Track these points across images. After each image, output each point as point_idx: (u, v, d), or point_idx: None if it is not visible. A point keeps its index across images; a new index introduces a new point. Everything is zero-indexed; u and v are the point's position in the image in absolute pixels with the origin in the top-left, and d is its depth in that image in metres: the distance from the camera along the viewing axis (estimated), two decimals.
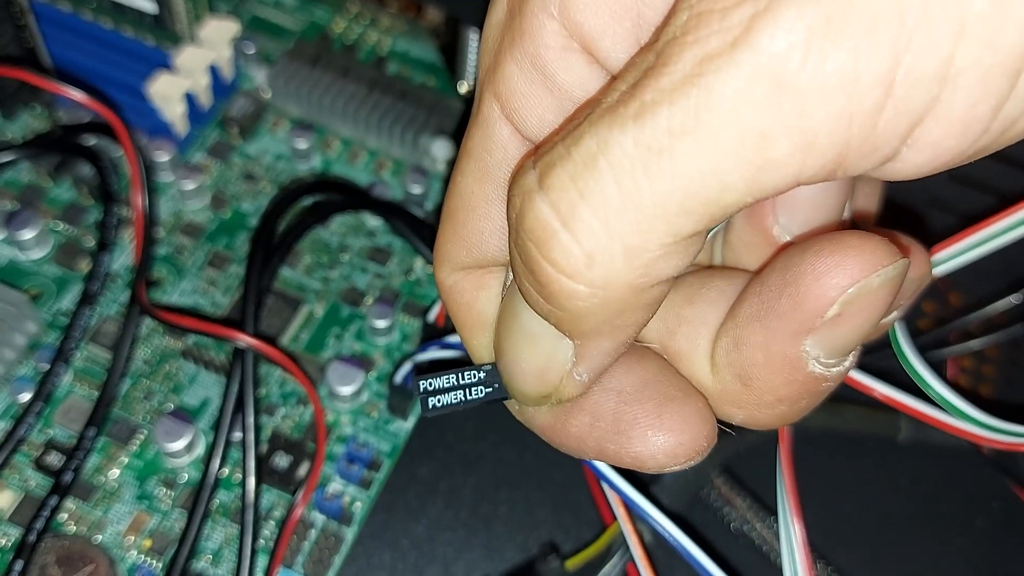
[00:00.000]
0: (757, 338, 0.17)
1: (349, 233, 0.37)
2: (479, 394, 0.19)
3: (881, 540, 0.33)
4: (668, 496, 0.31)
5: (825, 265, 0.15)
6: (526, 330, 0.17)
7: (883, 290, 0.15)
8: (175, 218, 0.36)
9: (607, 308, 0.15)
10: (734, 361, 0.17)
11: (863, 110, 0.13)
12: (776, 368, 0.17)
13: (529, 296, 0.16)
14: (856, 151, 0.13)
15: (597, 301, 0.15)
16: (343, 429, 0.32)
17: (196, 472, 0.31)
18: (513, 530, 0.32)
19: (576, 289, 0.15)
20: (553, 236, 0.14)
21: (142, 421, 0.32)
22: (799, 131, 0.13)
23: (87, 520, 0.30)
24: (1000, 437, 0.23)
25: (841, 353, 0.16)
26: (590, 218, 0.14)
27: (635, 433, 0.18)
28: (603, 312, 0.15)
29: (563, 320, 0.16)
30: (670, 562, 0.32)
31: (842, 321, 0.16)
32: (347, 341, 0.34)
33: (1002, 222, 0.24)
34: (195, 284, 0.35)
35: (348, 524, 0.31)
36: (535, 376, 0.18)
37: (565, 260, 0.14)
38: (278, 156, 0.38)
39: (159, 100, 0.36)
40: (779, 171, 0.13)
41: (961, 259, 0.25)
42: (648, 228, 0.14)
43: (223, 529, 0.30)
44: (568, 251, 0.14)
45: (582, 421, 0.18)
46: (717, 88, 0.13)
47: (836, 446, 0.34)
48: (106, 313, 0.34)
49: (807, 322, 0.16)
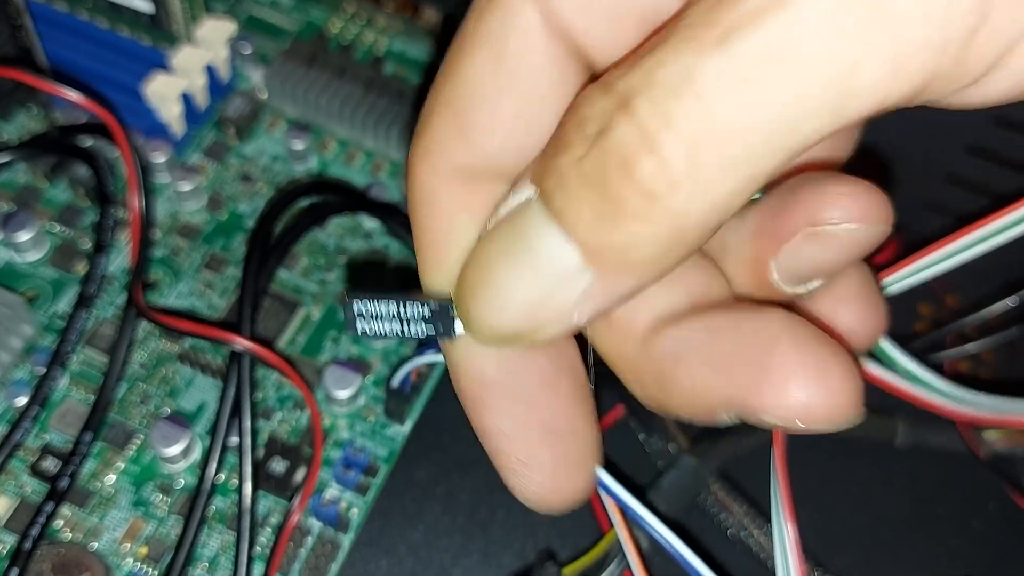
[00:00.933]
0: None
1: (346, 235, 0.37)
2: (418, 332, 0.17)
3: (878, 543, 0.33)
4: (665, 502, 0.31)
5: (816, 202, 0.17)
6: (536, 253, 0.15)
7: (851, 238, 0.17)
8: (171, 220, 0.36)
9: (668, 239, 0.14)
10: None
11: (959, 35, 0.12)
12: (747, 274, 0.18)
13: (580, 218, 0.15)
14: (944, 77, 0.13)
15: (663, 230, 0.14)
16: (340, 433, 0.32)
17: (192, 478, 0.31)
18: (510, 536, 0.32)
19: (649, 213, 0.14)
20: (637, 158, 0.14)
21: (138, 426, 0.32)
22: (892, 58, 0.12)
23: (83, 527, 0.30)
24: (962, 408, 0.23)
25: (797, 278, 0.18)
26: (675, 146, 0.13)
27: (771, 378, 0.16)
28: (661, 244, 0.14)
29: (609, 247, 0.15)
30: (667, 569, 0.32)
31: (804, 251, 0.17)
32: (344, 344, 0.34)
33: (996, 223, 0.24)
34: (192, 286, 0.35)
35: (345, 531, 0.31)
36: (525, 309, 0.16)
37: (648, 183, 0.14)
38: (275, 157, 0.38)
39: (155, 100, 0.35)
40: (865, 99, 0.13)
41: (955, 260, 0.25)
42: (731, 162, 0.13)
43: (219, 536, 0.30)
44: (653, 175, 0.14)
45: (684, 369, 0.17)
46: (807, 13, 0.12)
47: (833, 450, 0.34)
48: (102, 316, 0.33)
49: (774, 244, 0.17)
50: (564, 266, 0.15)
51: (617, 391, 0.33)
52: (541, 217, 0.15)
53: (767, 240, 0.17)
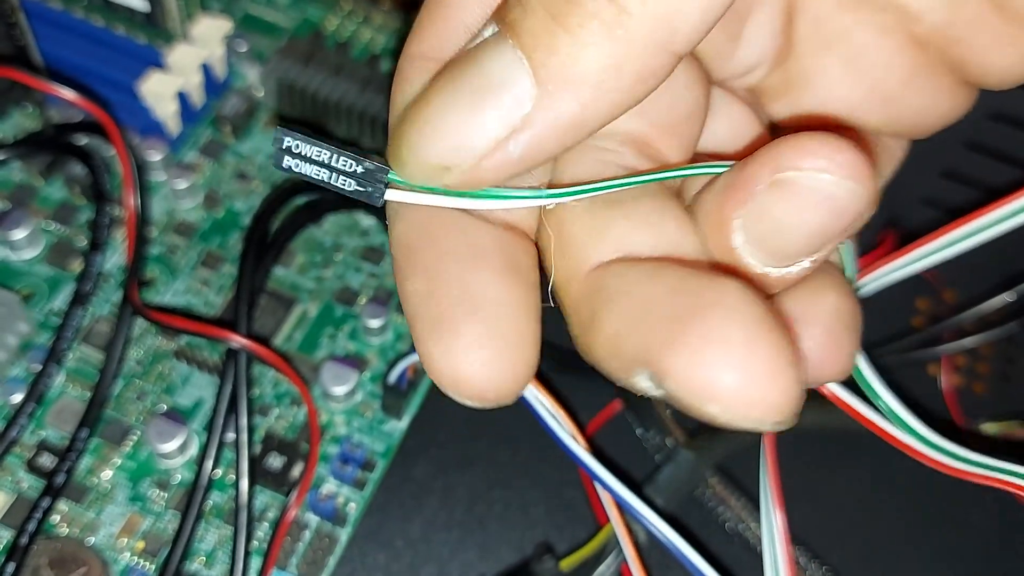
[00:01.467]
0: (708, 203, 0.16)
1: (343, 232, 0.37)
2: (344, 185, 0.16)
3: (876, 539, 0.33)
4: (662, 496, 0.31)
5: (784, 150, 0.15)
6: (485, 76, 0.15)
7: (821, 195, 0.15)
8: (168, 217, 0.36)
9: (612, 56, 0.14)
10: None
11: None
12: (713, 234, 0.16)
13: (534, 32, 0.14)
14: None
15: (609, 44, 0.14)
16: (337, 429, 0.32)
17: (189, 473, 0.31)
18: (508, 530, 0.32)
19: (601, 26, 0.14)
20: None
21: (135, 422, 0.32)
22: None
23: (80, 522, 0.30)
24: (943, 459, 0.23)
25: (764, 248, 0.16)
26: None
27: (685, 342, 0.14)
28: (605, 60, 0.14)
29: (557, 58, 0.14)
30: (664, 562, 0.32)
31: (770, 209, 0.15)
32: (341, 341, 0.34)
33: (988, 216, 0.24)
34: (188, 284, 0.35)
35: (342, 525, 0.31)
36: (459, 135, 0.15)
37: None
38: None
39: (151, 99, 0.35)
40: None
41: (947, 252, 0.25)
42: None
43: (216, 531, 0.30)
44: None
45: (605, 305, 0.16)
46: None
47: (829, 445, 0.34)
48: (98, 313, 0.33)
49: (741, 193, 0.16)
50: (513, 89, 0.15)
51: (613, 386, 0.33)
52: (497, 43, 0.15)
53: (731, 192, 0.16)
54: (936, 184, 0.36)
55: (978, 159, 0.36)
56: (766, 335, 0.14)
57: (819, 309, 0.17)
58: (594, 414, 0.34)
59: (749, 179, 0.15)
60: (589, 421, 0.34)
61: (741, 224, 0.16)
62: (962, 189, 0.36)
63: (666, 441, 0.32)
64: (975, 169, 0.36)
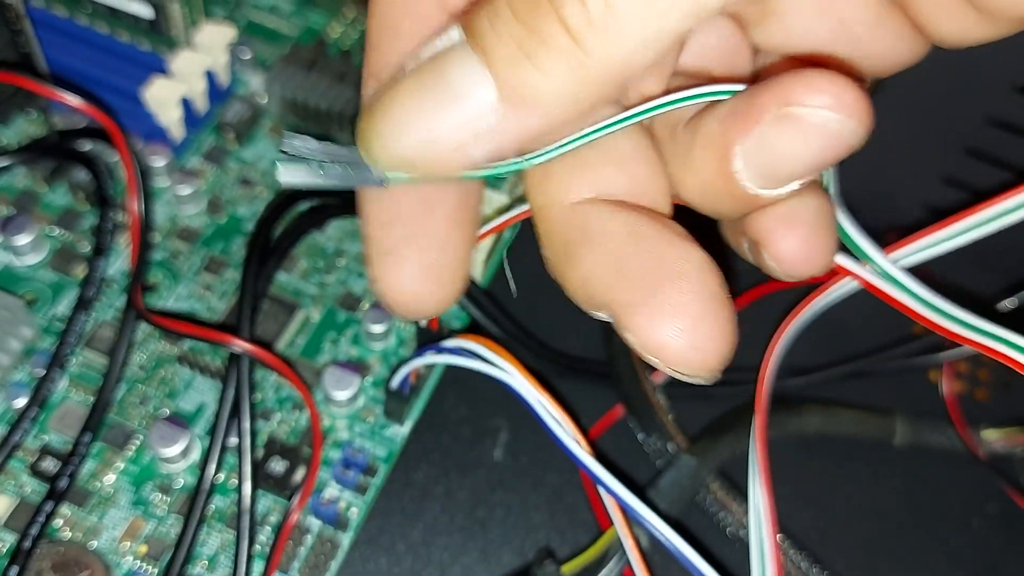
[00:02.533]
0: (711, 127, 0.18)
1: (346, 238, 0.37)
2: (336, 175, 0.18)
3: (876, 543, 0.33)
4: (664, 501, 0.31)
5: (792, 84, 0.16)
6: (451, 86, 0.16)
7: (825, 130, 0.16)
8: (171, 223, 0.36)
9: (578, 80, 0.15)
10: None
11: None
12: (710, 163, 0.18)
13: (502, 53, 0.16)
14: None
15: (575, 69, 0.15)
16: (339, 434, 0.32)
17: (192, 478, 0.31)
18: (509, 535, 0.32)
19: (566, 51, 0.15)
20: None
21: (138, 426, 0.32)
22: None
23: (82, 526, 0.30)
24: (941, 320, 0.23)
25: (760, 175, 0.17)
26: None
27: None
28: (571, 83, 0.15)
29: (524, 82, 0.16)
30: (667, 567, 0.32)
31: (773, 139, 0.16)
32: (343, 346, 0.34)
33: (974, 217, 0.24)
34: (191, 289, 0.35)
35: (344, 529, 0.31)
36: (425, 137, 0.17)
37: (570, 21, 0.15)
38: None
39: (155, 105, 0.36)
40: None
41: (933, 251, 0.25)
42: (641, 14, 0.15)
43: (219, 535, 0.30)
44: (575, 15, 0.15)
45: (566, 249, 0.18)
46: None
47: (832, 449, 0.34)
48: (102, 318, 0.34)
49: (744, 125, 0.17)
50: (477, 100, 0.16)
51: (615, 392, 0.33)
52: (464, 54, 0.16)
53: (736, 120, 0.17)
54: (936, 190, 0.37)
55: (978, 166, 0.36)
56: (716, 311, 0.17)
57: (804, 211, 0.19)
58: (596, 419, 0.34)
59: (755, 109, 0.16)
60: (591, 426, 0.34)
61: (742, 151, 0.17)
62: (961, 195, 0.36)
63: (668, 446, 0.32)
64: (974, 175, 0.36)
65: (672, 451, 0.32)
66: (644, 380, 0.33)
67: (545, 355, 0.35)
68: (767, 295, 0.36)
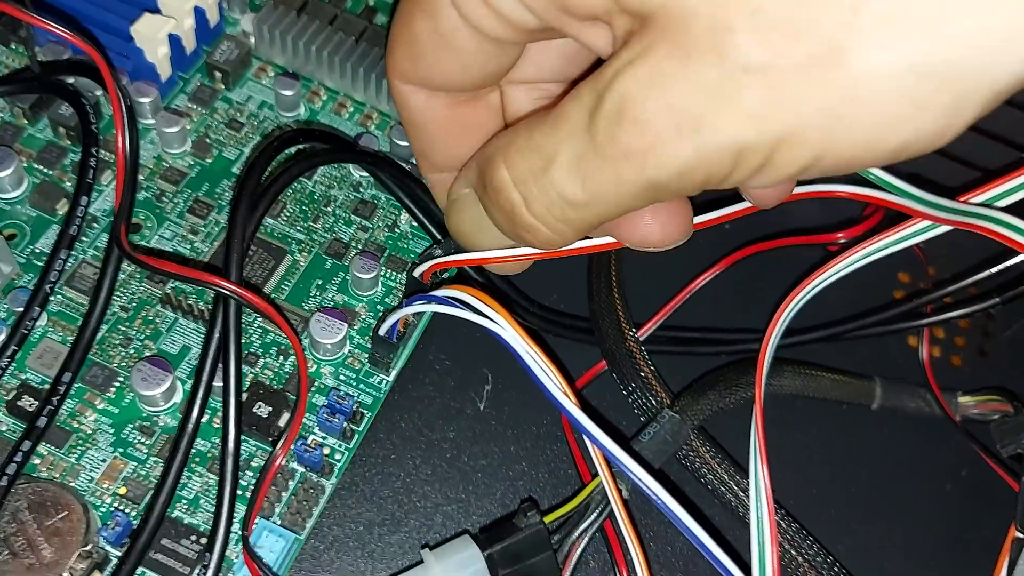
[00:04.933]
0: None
1: (334, 184, 0.36)
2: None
3: (852, 505, 0.34)
4: (647, 456, 0.31)
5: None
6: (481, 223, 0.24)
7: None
8: (156, 163, 0.35)
9: (564, 237, 0.22)
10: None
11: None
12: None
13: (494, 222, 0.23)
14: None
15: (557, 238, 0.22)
16: (324, 381, 0.32)
17: (173, 420, 0.31)
18: (492, 485, 0.32)
19: (524, 233, 0.22)
20: (519, 210, 0.22)
21: (119, 367, 0.31)
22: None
23: (60, 466, 0.29)
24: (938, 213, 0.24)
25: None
26: (540, 203, 0.21)
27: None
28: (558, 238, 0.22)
29: (511, 234, 0.23)
30: (646, 519, 0.32)
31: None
32: (330, 293, 0.34)
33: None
34: (175, 231, 0.34)
35: (328, 476, 0.31)
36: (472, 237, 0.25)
37: (524, 220, 0.22)
38: (262, 104, 0.38)
39: (142, 41, 0.35)
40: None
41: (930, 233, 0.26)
42: (569, 219, 0.21)
43: (200, 478, 0.30)
44: (526, 216, 0.22)
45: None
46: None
47: (811, 413, 0.35)
48: (83, 257, 0.33)
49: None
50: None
51: (600, 347, 0.33)
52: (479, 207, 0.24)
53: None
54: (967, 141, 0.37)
55: (945, 163, 0.36)
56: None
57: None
58: (578, 375, 0.34)
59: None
60: (576, 380, 0.34)
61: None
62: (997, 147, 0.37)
63: (652, 401, 0.32)
64: (940, 174, 0.36)
65: (655, 407, 0.32)
66: (628, 336, 0.33)
67: (531, 311, 0.34)
68: (745, 257, 0.37)
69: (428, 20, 0.22)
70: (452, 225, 0.26)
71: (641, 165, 0.18)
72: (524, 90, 0.25)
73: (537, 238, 0.22)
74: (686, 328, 0.36)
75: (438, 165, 0.26)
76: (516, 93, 0.25)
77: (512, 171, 0.21)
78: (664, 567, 0.31)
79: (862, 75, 0.16)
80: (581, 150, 0.19)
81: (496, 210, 0.22)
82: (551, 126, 0.20)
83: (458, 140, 0.25)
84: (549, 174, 0.20)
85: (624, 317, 0.34)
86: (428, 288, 0.30)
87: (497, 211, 0.22)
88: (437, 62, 0.23)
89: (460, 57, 0.22)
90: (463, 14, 0.21)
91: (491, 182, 0.22)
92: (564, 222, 0.21)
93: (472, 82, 0.24)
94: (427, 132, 0.25)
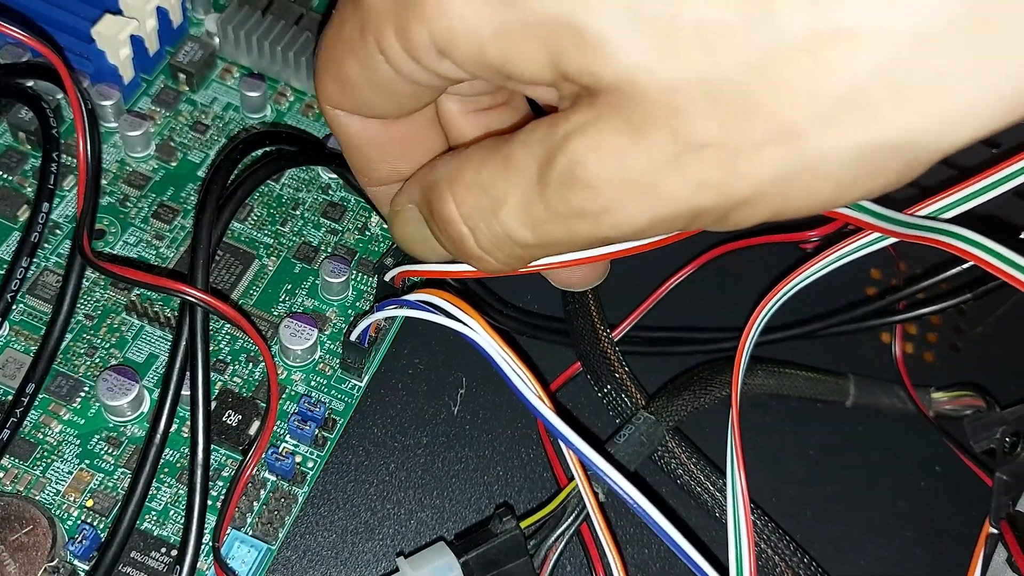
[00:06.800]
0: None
1: (302, 187, 0.36)
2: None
3: (827, 502, 0.34)
4: (621, 457, 0.31)
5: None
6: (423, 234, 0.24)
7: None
8: (119, 167, 0.35)
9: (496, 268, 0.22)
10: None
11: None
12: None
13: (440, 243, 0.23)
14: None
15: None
16: (295, 387, 0.32)
17: (141, 430, 0.30)
18: (467, 490, 0.31)
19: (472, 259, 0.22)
20: (468, 242, 0.21)
21: (84, 377, 0.31)
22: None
23: (25, 479, 0.29)
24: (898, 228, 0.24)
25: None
26: (488, 239, 0.21)
27: None
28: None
29: (461, 254, 0.22)
30: (623, 522, 0.32)
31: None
32: (300, 298, 0.33)
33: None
34: (140, 236, 0.34)
35: (300, 484, 0.30)
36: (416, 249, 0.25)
37: (471, 250, 0.22)
38: (227, 106, 0.37)
39: (104, 42, 0.34)
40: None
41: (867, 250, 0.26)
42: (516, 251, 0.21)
43: (169, 489, 0.29)
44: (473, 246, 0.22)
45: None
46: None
47: (786, 410, 0.35)
48: (46, 264, 0.32)
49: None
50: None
51: (575, 349, 0.33)
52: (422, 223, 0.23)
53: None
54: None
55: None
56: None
57: None
58: (554, 377, 0.34)
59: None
60: (551, 382, 0.34)
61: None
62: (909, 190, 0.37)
63: (626, 403, 0.32)
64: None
65: (630, 408, 0.32)
66: (602, 337, 0.33)
67: (505, 312, 0.34)
68: (718, 256, 0.36)
69: (357, 64, 0.21)
70: (396, 236, 0.25)
71: (595, 225, 0.19)
72: (457, 100, 0.25)
73: (485, 268, 0.22)
74: (660, 328, 0.36)
75: (378, 181, 0.26)
76: (449, 104, 0.25)
77: (460, 207, 0.21)
78: (641, 570, 0.31)
79: (818, 152, 0.16)
80: (531, 198, 0.19)
81: (444, 238, 0.22)
82: (501, 168, 0.20)
83: (396, 156, 0.25)
84: (498, 216, 0.20)
85: (598, 318, 0.33)
86: (400, 292, 0.30)
87: (445, 239, 0.22)
88: (369, 98, 0.22)
89: (393, 97, 0.22)
90: (394, 68, 0.20)
91: (439, 213, 0.22)
92: (513, 258, 0.21)
93: (407, 112, 0.23)
94: (364, 152, 0.25)
